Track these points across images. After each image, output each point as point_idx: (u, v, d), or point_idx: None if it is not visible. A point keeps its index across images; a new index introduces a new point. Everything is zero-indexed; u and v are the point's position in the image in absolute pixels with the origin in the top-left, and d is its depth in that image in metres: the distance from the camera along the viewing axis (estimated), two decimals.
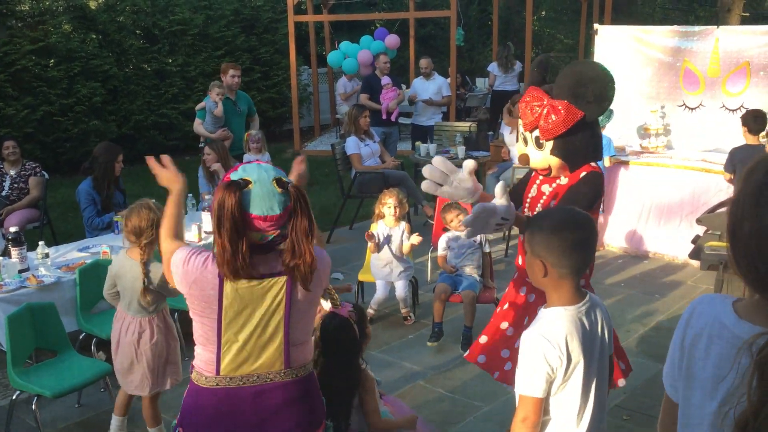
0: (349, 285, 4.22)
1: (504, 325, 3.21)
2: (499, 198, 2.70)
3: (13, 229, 4.65)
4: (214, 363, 2.14)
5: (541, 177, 3.16)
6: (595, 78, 2.88)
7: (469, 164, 2.78)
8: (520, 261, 3.20)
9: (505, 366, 3.07)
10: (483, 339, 3.24)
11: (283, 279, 2.12)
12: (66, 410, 3.98)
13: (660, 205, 6.61)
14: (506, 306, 3.23)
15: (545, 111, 2.89)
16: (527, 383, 1.99)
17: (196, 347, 2.22)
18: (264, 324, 2.12)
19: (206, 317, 2.13)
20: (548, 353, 1.97)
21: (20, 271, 4.39)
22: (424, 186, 2.82)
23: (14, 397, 3.72)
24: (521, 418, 2.01)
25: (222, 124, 7.02)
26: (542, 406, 2.01)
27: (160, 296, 3.45)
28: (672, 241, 6.53)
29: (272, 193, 2.04)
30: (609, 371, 2.21)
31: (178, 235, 2.33)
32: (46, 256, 4.48)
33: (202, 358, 2.18)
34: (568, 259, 2.01)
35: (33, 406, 3.62)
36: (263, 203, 2.02)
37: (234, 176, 2.09)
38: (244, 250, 2.03)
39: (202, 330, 2.16)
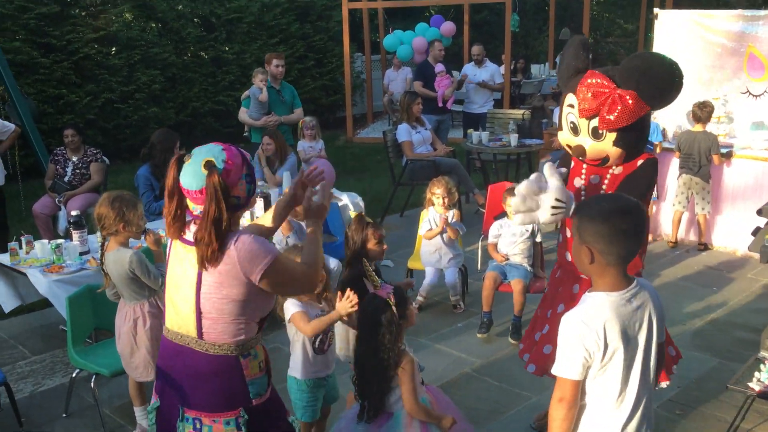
0: (412, 281, 4.12)
1: None
2: (549, 177, 2.66)
3: (74, 213, 4.82)
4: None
5: (585, 166, 3.05)
6: (666, 74, 2.75)
7: (545, 169, 2.75)
8: (569, 257, 3.12)
9: None
10: (548, 349, 3.20)
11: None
12: (123, 389, 4.09)
13: (720, 195, 6.42)
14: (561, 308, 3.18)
15: (610, 100, 2.74)
16: (564, 365, 2.01)
17: None
18: (185, 285, 2.29)
19: None
20: (585, 337, 1.97)
21: (81, 254, 4.55)
22: (519, 221, 2.83)
23: (74, 375, 3.88)
24: (557, 398, 2.03)
25: (267, 111, 7.07)
26: (579, 388, 2.02)
27: (140, 283, 3.49)
28: (732, 233, 6.33)
29: (196, 172, 2.20)
30: (659, 358, 2.16)
31: None
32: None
33: None
34: (616, 247, 1.99)
35: (91, 384, 3.76)
36: (187, 177, 2.22)
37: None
38: (172, 210, 2.27)
39: None
